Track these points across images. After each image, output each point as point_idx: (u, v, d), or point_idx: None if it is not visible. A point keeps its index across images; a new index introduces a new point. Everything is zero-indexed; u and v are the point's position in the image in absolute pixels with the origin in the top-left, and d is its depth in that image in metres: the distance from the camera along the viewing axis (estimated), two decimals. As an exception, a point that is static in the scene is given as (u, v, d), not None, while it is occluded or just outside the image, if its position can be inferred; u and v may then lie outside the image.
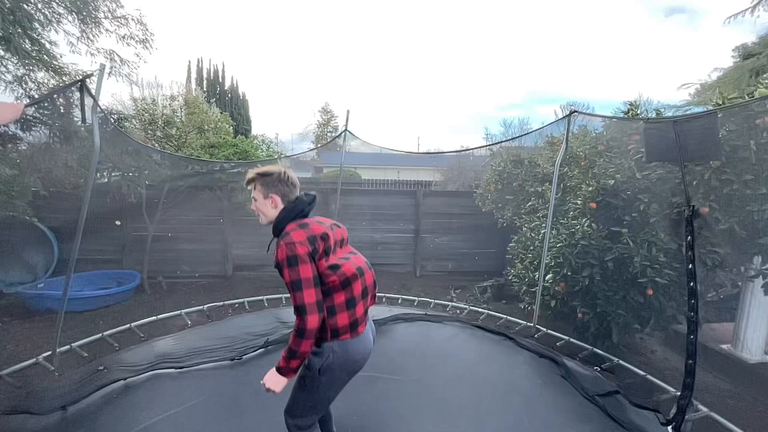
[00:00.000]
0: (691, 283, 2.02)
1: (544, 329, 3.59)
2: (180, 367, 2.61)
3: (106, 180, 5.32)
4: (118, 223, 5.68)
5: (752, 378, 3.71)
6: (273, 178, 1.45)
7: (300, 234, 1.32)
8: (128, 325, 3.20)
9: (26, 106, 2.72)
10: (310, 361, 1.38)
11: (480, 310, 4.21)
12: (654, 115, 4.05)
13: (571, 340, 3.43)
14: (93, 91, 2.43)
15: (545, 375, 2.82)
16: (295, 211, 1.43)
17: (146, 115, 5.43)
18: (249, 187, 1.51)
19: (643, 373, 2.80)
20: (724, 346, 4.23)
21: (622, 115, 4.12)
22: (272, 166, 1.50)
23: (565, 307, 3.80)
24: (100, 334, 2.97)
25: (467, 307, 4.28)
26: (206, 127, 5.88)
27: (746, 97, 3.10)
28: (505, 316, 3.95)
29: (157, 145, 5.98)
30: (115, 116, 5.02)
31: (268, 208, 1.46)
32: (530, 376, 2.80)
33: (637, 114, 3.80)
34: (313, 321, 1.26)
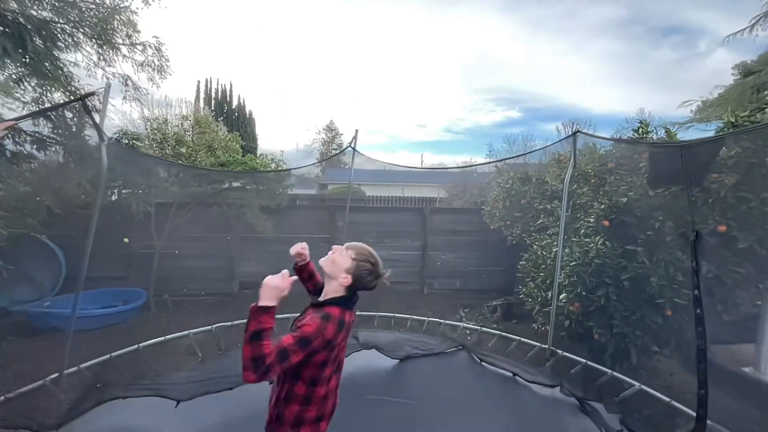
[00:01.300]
0: (698, 310, 1.96)
1: (560, 351, 3.49)
2: (179, 400, 2.52)
3: (115, 198, 5.37)
4: (126, 240, 5.69)
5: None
6: (369, 269, 1.44)
7: (333, 330, 1.30)
8: (136, 346, 3.15)
9: (17, 120, 2.68)
10: None
11: (491, 331, 4.11)
12: (663, 133, 4.06)
13: (589, 363, 3.32)
14: (99, 108, 2.46)
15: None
16: (350, 302, 1.44)
17: (158, 134, 5.52)
18: (344, 247, 1.47)
19: (668, 399, 2.69)
20: (746, 369, 4.08)
21: (632, 132, 4.12)
22: (377, 261, 1.47)
23: (580, 328, 3.70)
24: (108, 356, 2.92)
25: (478, 328, 4.18)
26: (216, 145, 5.96)
27: (758, 115, 3.10)
28: (518, 338, 3.85)
29: (168, 161, 6.06)
30: (129, 136, 5.10)
31: (339, 278, 1.41)
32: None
33: (648, 133, 3.81)
34: (263, 376, 1.15)
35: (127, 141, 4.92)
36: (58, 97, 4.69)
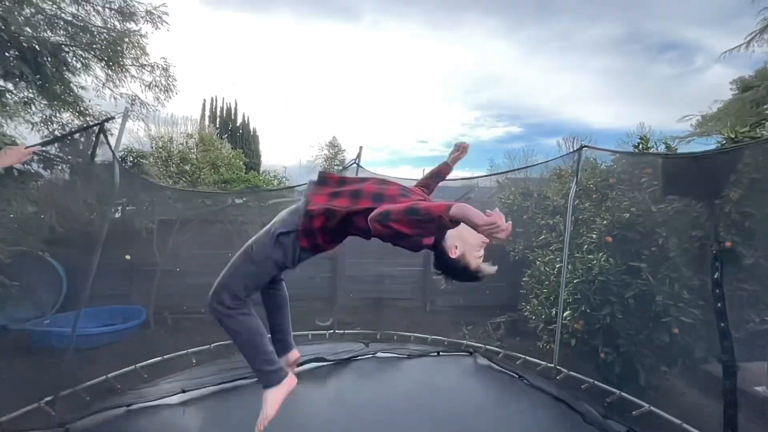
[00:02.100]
0: (722, 323, 1.92)
1: (566, 370, 3.40)
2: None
3: (119, 215, 5.41)
4: (127, 257, 5.69)
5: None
6: (460, 269, 1.42)
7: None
8: (133, 366, 3.10)
9: (37, 146, 2.75)
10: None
11: (495, 349, 4.04)
12: (664, 147, 4.07)
13: (596, 383, 3.23)
14: (116, 132, 2.53)
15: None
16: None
17: (163, 152, 5.61)
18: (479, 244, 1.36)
19: (679, 422, 2.60)
20: (759, 389, 3.96)
21: (632, 148, 4.15)
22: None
23: (586, 346, 3.62)
24: (105, 377, 2.88)
25: (482, 346, 4.11)
26: (219, 163, 6.04)
27: (758, 130, 3.11)
28: (523, 356, 3.77)
29: (170, 180, 6.13)
30: (134, 154, 5.18)
31: (448, 243, 1.38)
32: None
33: (648, 148, 3.82)
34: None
35: (132, 158, 5.00)
36: (67, 117, 4.80)
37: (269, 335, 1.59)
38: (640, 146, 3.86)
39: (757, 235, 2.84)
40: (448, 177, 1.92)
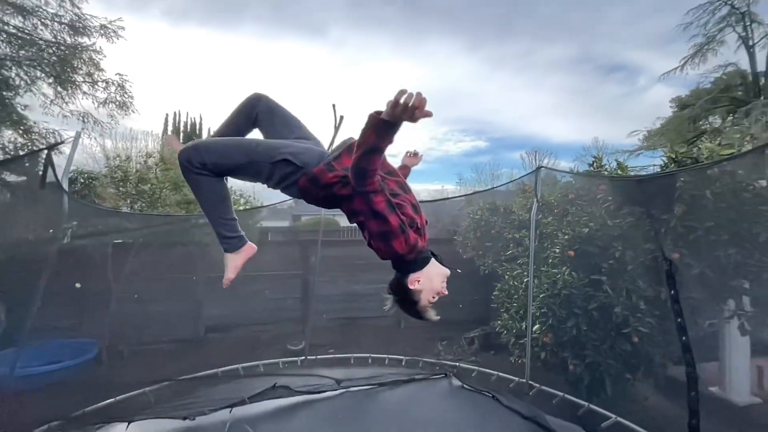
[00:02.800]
0: (683, 338, 2.03)
1: (537, 385, 3.47)
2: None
3: (68, 240, 5.00)
4: (78, 285, 5.25)
5: (745, 421, 3.68)
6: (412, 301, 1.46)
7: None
8: (81, 411, 2.82)
9: None
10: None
11: (470, 367, 4.05)
12: (615, 163, 4.36)
13: (566, 396, 3.31)
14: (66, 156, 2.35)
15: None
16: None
17: (118, 172, 5.29)
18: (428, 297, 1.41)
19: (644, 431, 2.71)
20: (713, 389, 4.22)
21: (590, 160, 4.40)
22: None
23: (556, 359, 3.72)
24: (47, 426, 2.58)
25: (456, 364, 4.11)
26: (181, 181, 5.77)
27: (695, 151, 3.41)
28: (496, 373, 3.81)
29: (128, 201, 5.77)
30: (85, 176, 4.85)
31: (411, 278, 1.41)
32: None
33: (602, 165, 4.07)
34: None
35: (83, 180, 4.67)
36: (10, 134, 4.43)
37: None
38: (594, 164, 4.10)
39: (701, 247, 3.07)
40: (419, 192, 1.98)
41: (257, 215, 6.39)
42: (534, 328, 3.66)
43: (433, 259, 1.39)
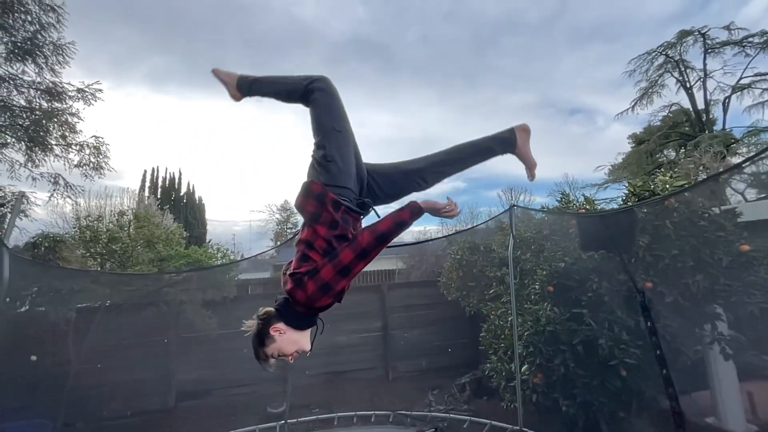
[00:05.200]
0: (664, 371, 2.01)
1: None
2: None
3: (26, 308, 4.65)
4: (33, 358, 4.80)
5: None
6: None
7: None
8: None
9: None
10: None
11: (462, 417, 3.84)
12: (583, 199, 4.56)
13: (562, 441, 3.15)
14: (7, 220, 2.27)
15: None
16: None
17: (87, 232, 5.12)
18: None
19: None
20: (709, 420, 4.11)
21: (557, 201, 4.59)
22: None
23: (548, 401, 3.58)
24: None
25: (447, 415, 3.89)
26: (156, 239, 5.62)
27: (651, 184, 3.64)
28: (488, 422, 3.61)
29: (97, 260, 5.53)
30: (50, 239, 4.65)
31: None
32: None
33: (569, 201, 4.26)
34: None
35: (47, 245, 4.46)
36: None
37: None
38: (562, 200, 4.29)
39: (669, 274, 3.16)
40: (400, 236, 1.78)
41: (236, 268, 6.22)
42: (522, 369, 3.56)
43: (308, 330, 1.42)
